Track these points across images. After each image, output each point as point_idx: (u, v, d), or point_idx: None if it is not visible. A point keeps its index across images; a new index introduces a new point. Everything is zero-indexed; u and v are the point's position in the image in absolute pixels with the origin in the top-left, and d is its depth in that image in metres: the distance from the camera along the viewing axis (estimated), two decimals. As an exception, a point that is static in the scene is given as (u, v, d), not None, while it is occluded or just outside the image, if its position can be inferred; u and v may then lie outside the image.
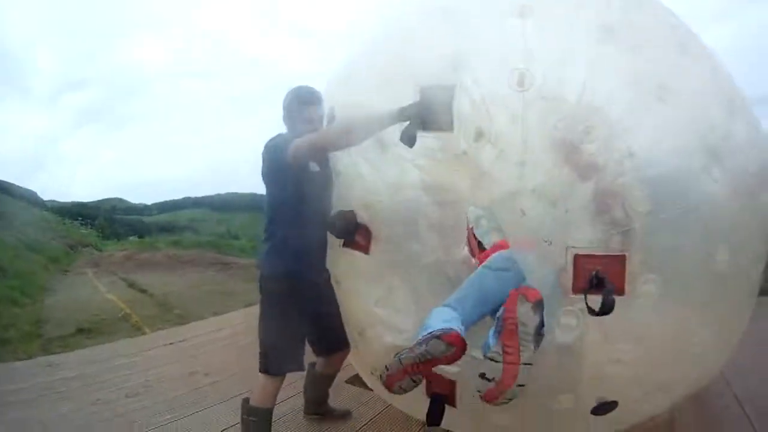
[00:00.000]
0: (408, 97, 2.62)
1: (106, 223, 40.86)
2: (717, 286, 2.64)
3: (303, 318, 3.14)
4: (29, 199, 34.21)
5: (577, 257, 2.43)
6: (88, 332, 7.01)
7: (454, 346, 2.23)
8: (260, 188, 3.19)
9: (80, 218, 35.89)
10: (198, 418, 3.91)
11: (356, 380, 4.49)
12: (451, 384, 2.86)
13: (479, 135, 2.59)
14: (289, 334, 3.10)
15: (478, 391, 2.34)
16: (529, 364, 2.29)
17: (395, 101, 2.65)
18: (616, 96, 2.48)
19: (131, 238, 28.16)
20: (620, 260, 2.39)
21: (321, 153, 3.04)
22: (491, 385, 2.28)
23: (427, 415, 2.87)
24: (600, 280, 2.34)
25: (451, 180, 2.80)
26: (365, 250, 3.07)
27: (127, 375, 4.76)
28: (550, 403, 2.72)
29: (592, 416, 2.70)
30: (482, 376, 2.31)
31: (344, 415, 3.87)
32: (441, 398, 2.87)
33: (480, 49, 2.68)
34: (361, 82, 3.22)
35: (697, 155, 2.52)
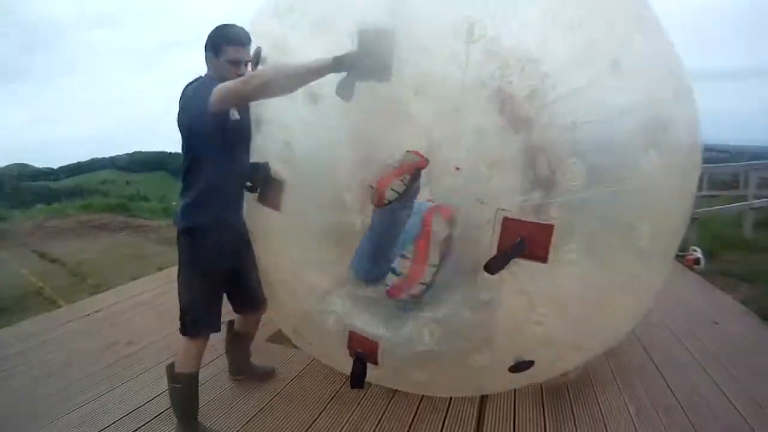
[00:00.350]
0: (344, 41, 2.49)
1: (12, 191, 39.46)
2: (638, 258, 2.74)
3: (220, 274, 3.07)
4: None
5: (506, 220, 2.45)
6: (2, 312, 6.75)
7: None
8: (169, 146, 3.05)
9: (-19, 189, 34.57)
10: (124, 390, 3.84)
11: (278, 337, 4.50)
12: (374, 345, 2.85)
13: (418, 89, 2.58)
14: (206, 292, 3.02)
15: (386, 285, 2.41)
16: (434, 266, 2.52)
17: (329, 44, 2.57)
18: (563, 60, 2.48)
19: (39, 205, 27.25)
20: (547, 230, 2.42)
21: (245, 101, 2.87)
22: (399, 279, 2.46)
23: (351, 375, 2.92)
24: (525, 248, 2.42)
25: (384, 136, 2.75)
26: (276, 207, 3.00)
27: (47, 353, 4.60)
28: (466, 360, 2.77)
29: (509, 373, 2.79)
30: (392, 271, 2.40)
31: (268, 374, 3.86)
32: (364, 359, 2.90)
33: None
34: (294, 20, 3.02)
35: (637, 135, 2.56)
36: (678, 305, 5.34)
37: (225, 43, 2.88)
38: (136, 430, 3.34)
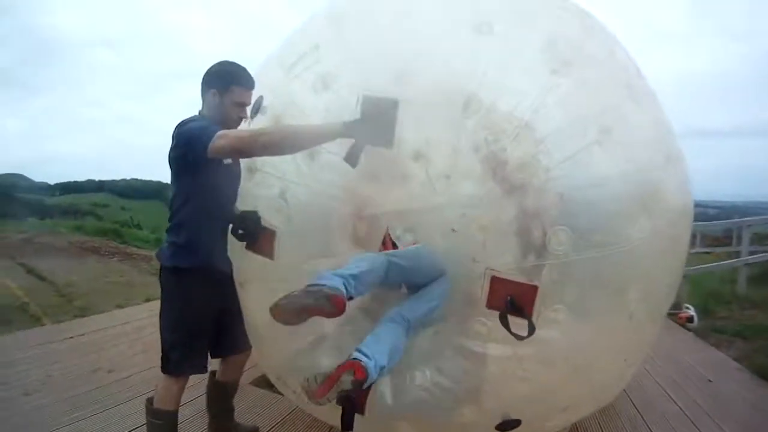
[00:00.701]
0: (348, 99, 2.60)
1: (5, 201, 39.29)
2: (626, 321, 2.78)
3: (208, 314, 3.05)
4: None
5: (493, 279, 2.54)
6: (-19, 323, 6.71)
7: (337, 309, 2.31)
8: (165, 177, 3.06)
9: (-23, 197, 34.47)
10: (103, 418, 3.81)
11: (262, 382, 4.49)
12: (364, 392, 2.82)
13: (417, 156, 2.67)
14: (193, 331, 2.99)
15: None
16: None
17: (332, 101, 2.74)
18: (556, 127, 2.56)
19: (31, 219, 27.14)
20: (533, 290, 2.50)
21: (247, 155, 2.83)
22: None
23: (342, 422, 2.93)
24: (515, 307, 2.50)
25: (378, 195, 2.83)
26: (269, 255, 3.02)
27: (26, 370, 4.60)
28: (454, 415, 2.78)
29: None
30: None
31: None
32: (352, 403, 2.91)
33: (428, 61, 2.69)
34: (299, 75, 3.05)
35: (627, 201, 2.65)
36: (670, 362, 5.31)
37: (234, 83, 2.90)
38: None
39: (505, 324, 2.53)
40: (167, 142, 2.88)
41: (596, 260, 2.52)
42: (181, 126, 2.81)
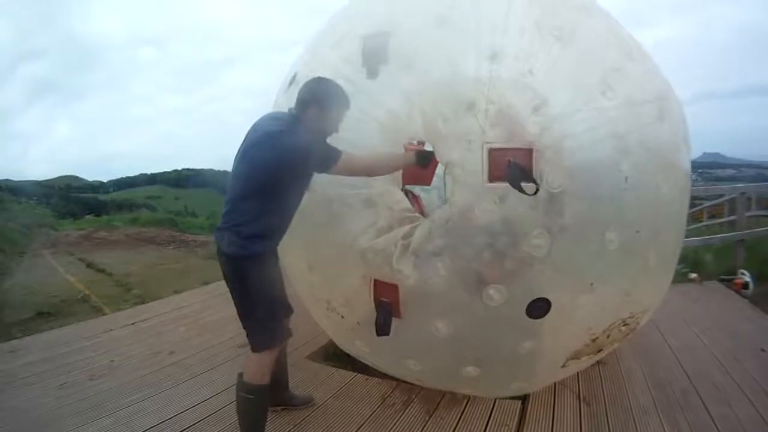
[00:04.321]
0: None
1: (62, 201, 40.29)
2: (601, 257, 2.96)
3: (277, 290, 3.19)
4: (-19, 180, 33.46)
5: (491, 151, 2.73)
6: (48, 315, 6.90)
7: None
8: (216, 164, 3.13)
9: (35, 197, 35.34)
10: (162, 398, 3.92)
11: (317, 356, 4.64)
12: (394, 290, 3.06)
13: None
14: (270, 307, 3.10)
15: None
16: None
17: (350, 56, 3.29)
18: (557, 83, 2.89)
19: (88, 216, 27.72)
20: (529, 153, 2.71)
21: (361, 175, 3.17)
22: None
23: (376, 325, 3.09)
24: (521, 170, 2.69)
25: None
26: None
27: (91, 357, 4.76)
28: (481, 298, 2.91)
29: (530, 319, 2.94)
30: None
31: (306, 403, 3.84)
32: (387, 307, 3.08)
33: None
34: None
35: (613, 149, 2.89)
36: (724, 331, 5.10)
37: (338, 104, 3.07)
38: (179, 432, 3.42)
39: (516, 185, 2.68)
40: (216, 129, 3.05)
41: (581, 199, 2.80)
42: (295, 140, 2.93)
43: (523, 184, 2.66)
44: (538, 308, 2.90)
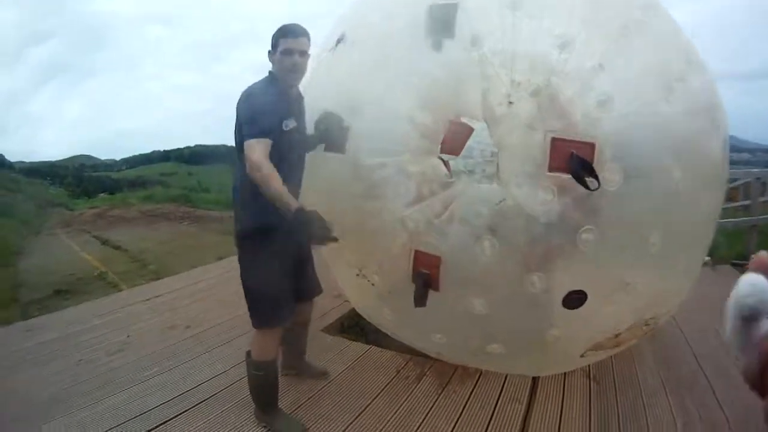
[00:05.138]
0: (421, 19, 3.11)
1: (75, 181, 40.37)
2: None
3: (285, 269, 3.16)
4: (-4, 160, 33.47)
5: (554, 140, 2.67)
6: (65, 293, 6.99)
7: None
8: (229, 140, 3.13)
9: (49, 178, 35.47)
10: (179, 372, 3.96)
11: (333, 329, 4.70)
12: (436, 262, 3.00)
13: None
14: (274, 285, 3.10)
15: None
16: None
17: (407, 25, 3.19)
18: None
19: (101, 195, 27.83)
20: (591, 147, 2.64)
21: (252, 171, 2.84)
22: None
23: (414, 296, 3.05)
24: (580, 161, 2.61)
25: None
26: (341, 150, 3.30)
27: (107, 333, 4.79)
28: (523, 284, 2.89)
29: (566, 309, 2.93)
30: None
31: (320, 374, 3.88)
32: (426, 278, 3.03)
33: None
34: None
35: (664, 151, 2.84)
36: None
37: (280, 36, 3.03)
38: (193, 406, 3.47)
39: (580, 179, 2.62)
40: (229, 104, 3.04)
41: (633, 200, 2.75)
42: (242, 101, 2.99)
43: (587, 179, 2.62)
44: (574, 300, 2.90)
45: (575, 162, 2.60)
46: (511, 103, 2.75)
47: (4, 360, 4.26)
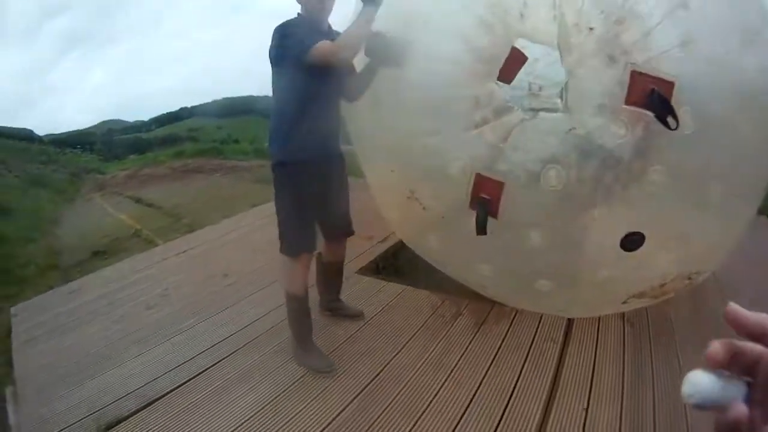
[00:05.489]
0: None
1: (105, 146, 40.62)
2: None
3: (312, 203, 3.22)
4: (25, 137, 33.76)
5: (633, 73, 2.54)
6: (103, 254, 7.05)
7: None
8: (256, 90, 3.14)
9: (79, 146, 35.71)
10: (216, 321, 4.02)
11: (368, 270, 4.70)
12: (498, 188, 2.91)
13: None
14: (300, 217, 3.18)
15: None
16: None
17: None
18: None
19: (132, 156, 27.96)
20: (670, 85, 2.51)
21: (343, 56, 2.95)
22: None
23: (476, 222, 2.95)
24: (666, 102, 2.49)
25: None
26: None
27: (146, 287, 4.86)
28: (585, 218, 2.83)
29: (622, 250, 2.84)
30: None
31: (356, 315, 3.91)
32: (487, 204, 2.94)
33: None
34: None
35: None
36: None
37: None
38: (233, 352, 3.54)
39: (661, 116, 2.50)
40: (254, 56, 3.04)
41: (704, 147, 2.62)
42: (280, 29, 2.98)
43: (668, 118, 2.50)
44: (632, 241, 2.82)
45: (657, 98, 2.49)
46: (591, 29, 2.62)
47: (50, 323, 4.33)
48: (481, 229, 2.91)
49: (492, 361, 3.34)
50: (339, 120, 3.28)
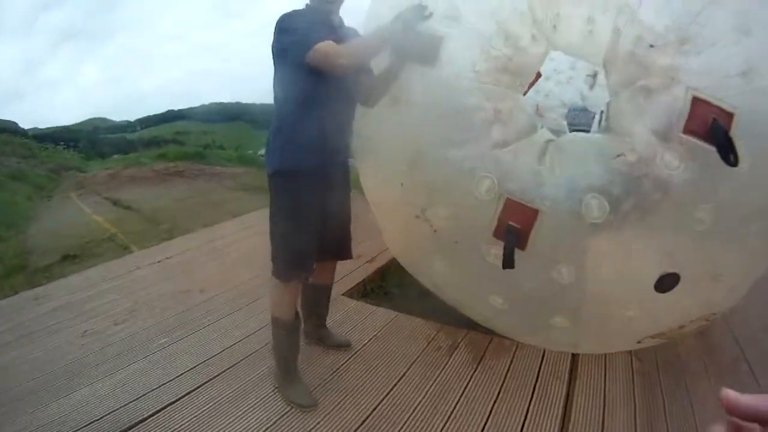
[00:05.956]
0: None
1: (89, 144, 40.57)
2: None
3: (314, 219, 2.87)
4: (9, 129, 33.47)
5: (695, 99, 2.25)
6: (73, 258, 6.69)
7: None
8: (244, 97, 2.82)
9: (63, 142, 35.45)
10: (191, 341, 3.68)
11: (356, 293, 4.40)
12: (532, 216, 2.56)
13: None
14: (299, 236, 2.85)
15: None
16: None
17: None
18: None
19: (116, 156, 27.75)
20: (730, 117, 2.23)
21: (345, 64, 2.60)
22: None
23: (504, 255, 2.60)
24: (727, 135, 2.21)
25: None
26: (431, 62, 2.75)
27: (115, 301, 4.50)
28: (618, 254, 2.55)
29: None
30: None
31: (343, 345, 3.58)
32: (516, 234, 2.59)
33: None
34: None
35: None
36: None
37: None
38: (208, 381, 3.19)
39: (723, 150, 2.20)
40: (244, 62, 2.78)
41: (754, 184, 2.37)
42: (284, 20, 2.68)
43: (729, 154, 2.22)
44: (667, 282, 2.54)
45: (719, 130, 2.19)
46: (651, 46, 2.31)
47: (12, 332, 4.03)
48: (510, 262, 2.56)
49: (494, 403, 3.02)
50: (349, 127, 2.95)
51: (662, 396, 3.13)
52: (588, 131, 3.23)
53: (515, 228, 2.57)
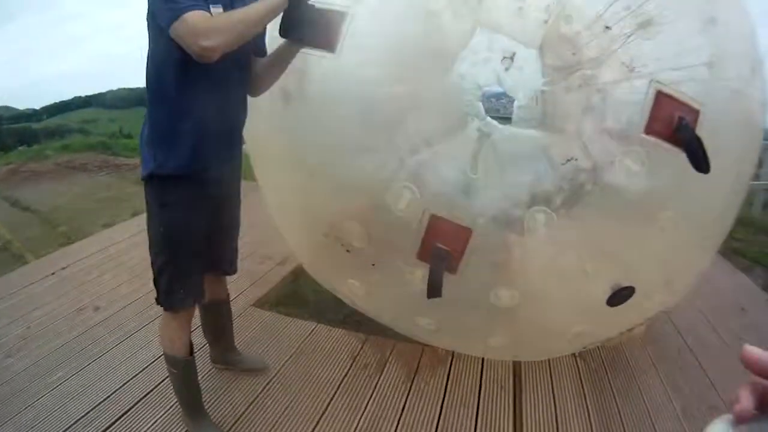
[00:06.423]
0: None
1: (-8, 135, 38.94)
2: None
3: (196, 231, 2.38)
4: None
5: (659, 93, 2.00)
6: (-43, 274, 6.08)
7: None
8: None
9: (-41, 135, 33.87)
10: (91, 372, 3.23)
11: (266, 302, 4.03)
12: (464, 237, 2.22)
13: None
14: (179, 252, 2.35)
15: None
16: None
17: None
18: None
19: (20, 148, 26.66)
20: (695, 114, 2.02)
21: (219, 38, 1.90)
22: None
23: (428, 282, 2.25)
24: (698, 139, 1.97)
25: None
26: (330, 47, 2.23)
27: (5, 327, 3.94)
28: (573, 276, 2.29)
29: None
30: None
31: (258, 369, 3.20)
32: (444, 257, 2.23)
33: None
34: None
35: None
36: (705, 284, 4.27)
37: None
38: (119, 418, 2.80)
39: (694, 155, 1.96)
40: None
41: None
42: None
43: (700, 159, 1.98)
44: (621, 296, 2.31)
45: (688, 131, 1.95)
46: (608, 28, 2.01)
47: None
48: (435, 291, 2.22)
49: (437, 424, 2.76)
50: (241, 118, 2.41)
51: (614, 396, 3.01)
52: (509, 119, 2.93)
53: (443, 250, 2.23)
